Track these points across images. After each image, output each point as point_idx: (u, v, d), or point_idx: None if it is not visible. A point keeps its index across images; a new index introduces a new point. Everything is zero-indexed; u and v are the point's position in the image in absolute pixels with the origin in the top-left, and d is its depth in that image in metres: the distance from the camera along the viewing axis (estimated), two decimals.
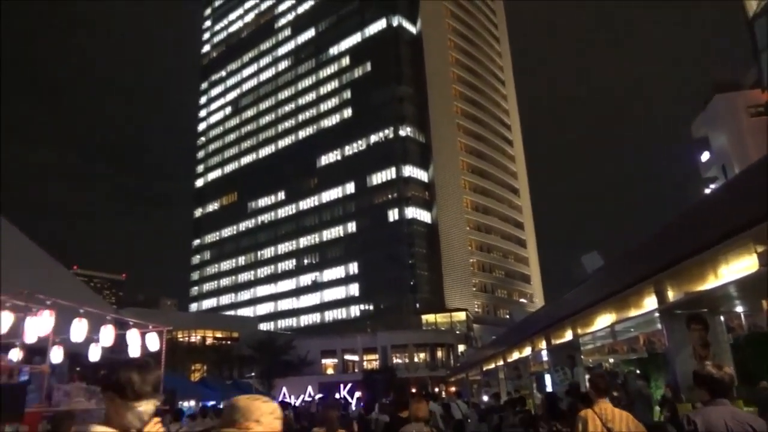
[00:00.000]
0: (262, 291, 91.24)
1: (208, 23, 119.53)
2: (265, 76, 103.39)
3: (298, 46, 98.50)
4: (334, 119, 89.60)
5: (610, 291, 9.85)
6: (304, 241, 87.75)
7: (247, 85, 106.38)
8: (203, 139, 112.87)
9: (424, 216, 79.45)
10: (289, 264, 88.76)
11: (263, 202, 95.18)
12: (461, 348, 60.78)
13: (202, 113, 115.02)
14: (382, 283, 75.01)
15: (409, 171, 79.72)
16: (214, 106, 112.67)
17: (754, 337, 10.44)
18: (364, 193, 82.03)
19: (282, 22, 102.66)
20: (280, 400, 27.57)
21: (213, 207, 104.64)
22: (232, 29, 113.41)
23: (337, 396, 36.14)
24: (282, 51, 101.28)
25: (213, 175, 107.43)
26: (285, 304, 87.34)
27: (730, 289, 7.69)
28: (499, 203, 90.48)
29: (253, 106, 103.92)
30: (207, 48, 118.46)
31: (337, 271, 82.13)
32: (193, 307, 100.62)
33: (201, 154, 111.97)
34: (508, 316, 72.72)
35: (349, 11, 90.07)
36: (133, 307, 62.75)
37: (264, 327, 75.99)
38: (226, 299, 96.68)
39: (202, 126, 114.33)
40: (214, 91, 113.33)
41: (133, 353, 11.62)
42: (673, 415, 7.74)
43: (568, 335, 13.15)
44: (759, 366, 9.75)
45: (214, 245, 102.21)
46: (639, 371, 13.38)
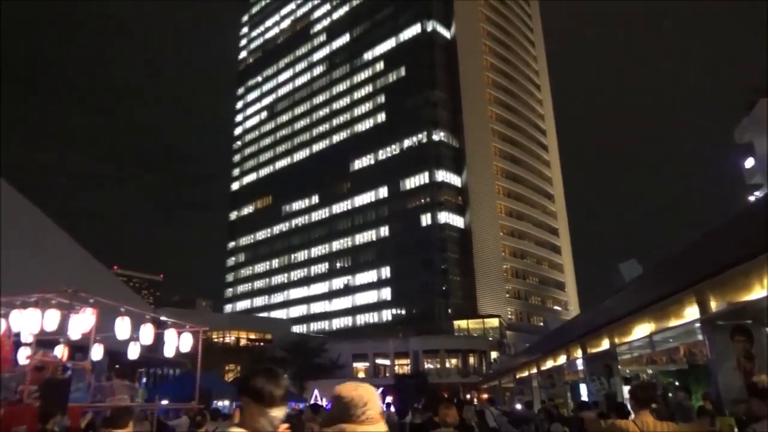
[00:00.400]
0: (295, 293, 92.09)
1: (245, 30, 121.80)
2: (300, 81, 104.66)
3: (333, 51, 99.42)
4: (367, 124, 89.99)
5: (649, 300, 9.62)
6: (336, 244, 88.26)
7: (282, 90, 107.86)
8: (239, 143, 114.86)
9: (457, 221, 78.98)
10: (322, 267, 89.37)
11: (297, 205, 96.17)
12: (494, 355, 60.13)
13: (239, 118, 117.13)
14: (414, 287, 74.82)
15: (442, 176, 79.43)
16: (250, 111, 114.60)
17: None
18: (396, 198, 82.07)
19: (317, 27, 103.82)
20: (312, 402, 27.73)
21: (248, 210, 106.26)
22: (268, 35, 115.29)
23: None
24: (317, 56, 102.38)
25: (248, 179, 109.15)
26: (317, 307, 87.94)
27: None
28: (533, 209, 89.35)
29: (288, 110, 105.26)
30: (244, 54, 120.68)
31: (369, 275, 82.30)
32: (228, 308, 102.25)
33: (237, 158, 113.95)
34: (541, 324, 71.58)
35: (384, 17, 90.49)
36: (170, 307, 64.14)
37: (297, 329, 76.72)
38: (259, 301, 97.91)
39: (238, 130, 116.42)
40: (251, 96, 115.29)
41: (169, 352, 11.89)
42: None
43: (605, 344, 12.90)
44: None
45: (249, 248, 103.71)
46: (678, 383, 13.00)
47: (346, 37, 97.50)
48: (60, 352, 9.93)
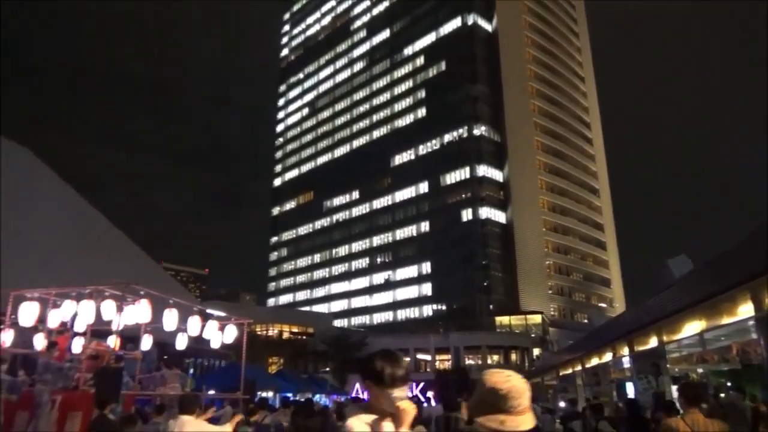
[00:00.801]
0: (336, 288, 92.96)
1: (287, 27, 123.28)
2: (340, 77, 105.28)
3: (373, 47, 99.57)
4: (408, 119, 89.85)
5: (700, 296, 9.29)
6: (377, 239, 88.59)
7: (323, 87, 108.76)
8: (281, 139, 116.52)
9: (499, 216, 78.10)
10: (363, 262, 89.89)
11: (338, 201, 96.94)
12: (536, 351, 59.33)
13: (281, 115, 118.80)
14: (455, 283, 74.47)
15: (483, 171, 78.62)
16: (291, 108, 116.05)
17: None
18: (437, 193, 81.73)
19: (357, 24, 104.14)
20: (353, 395, 27.99)
21: (290, 205, 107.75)
22: (309, 33, 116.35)
23: (409, 394, 36.30)
24: (357, 52, 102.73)
25: (290, 175, 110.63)
26: (358, 302, 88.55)
27: None
28: (577, 204, 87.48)
29: (328, 107, 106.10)
30: (285, 51, 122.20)
31: (409, 271, 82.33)
32: (271, 302, 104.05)
33: (279, 154, 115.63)
34: (586, 321, 70.20)
35: (424, 11, 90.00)
36: (215, 300, 65.75)
37: (338, 324, 77.47)
38: (301, 295, 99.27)
39: (280, 127, 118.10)
40: (292, 93, 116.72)
41: (216, 344, 12.21)
42: None
43: (653, 342, 12.53)
44: None
45: (291, 243, 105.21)
46: (730, 383, 12.54)
47: (386, 33, 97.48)
48: (112, 342, 10.33)
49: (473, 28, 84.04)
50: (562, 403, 23.35)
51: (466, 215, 77.63)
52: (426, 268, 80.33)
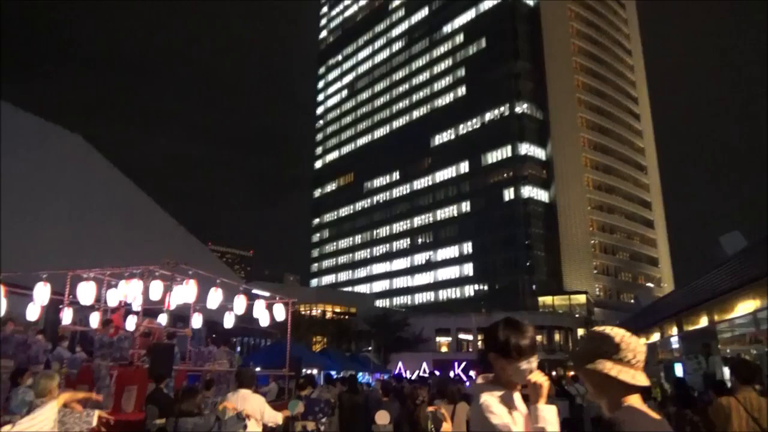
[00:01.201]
0: (378, 269, 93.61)
1: (325, 9, 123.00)
2: (379, 58, 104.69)
3: (411, 26, 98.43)
4: (448, 98, 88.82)
5: (754, 274, 8.97)
6: (418, 220, 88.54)
7: (362, 68, 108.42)
8: (321, 122, 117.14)
9: (542, 195, 76.76)
10: (404, 243, 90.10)
11: (378, 182, 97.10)
12: (580, 332, 58.48)
13: (320, 97, 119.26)
14: (497, 263, 73.90)
15: (525, 149, 77.23)
16: (331, 90, 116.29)
17: None
18: (478, 173, 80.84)
19: (395, 3, 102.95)
20: (396, 373, 28.33)
21: (331, 187, 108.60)
22: (347, 14, 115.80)
23: (451, 374, 36.42)
24: (396, 32, 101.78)
25: (331, 157, 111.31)
26: (400, 282, 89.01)
27: None
28: (623, 181, 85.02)
29: (368, 88, 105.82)
30: (324, 34, 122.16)
31: (450, 251, 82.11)
32: (314, 282, 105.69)
33: (319, 136, 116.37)
34: (632, 301, 68.59)
35: None
36: (260, 281, 67.23)
37: (379, 304, 78.15)
38: (343, 276, 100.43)
39: (320, 110, 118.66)
40: (331, 75, 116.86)
41: (263, 322, 12.54)
42: None
43: (703, 322, 12.19)
44: None
45: (333, 224, 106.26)
46: None
47: (424, 11, 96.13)
48: (164, 320, 10.73)
49: (514, 3, 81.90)
50: None
51: (508, 194, 76.63)
52: (467, 248, 79.92)
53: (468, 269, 79.28)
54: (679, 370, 14.42)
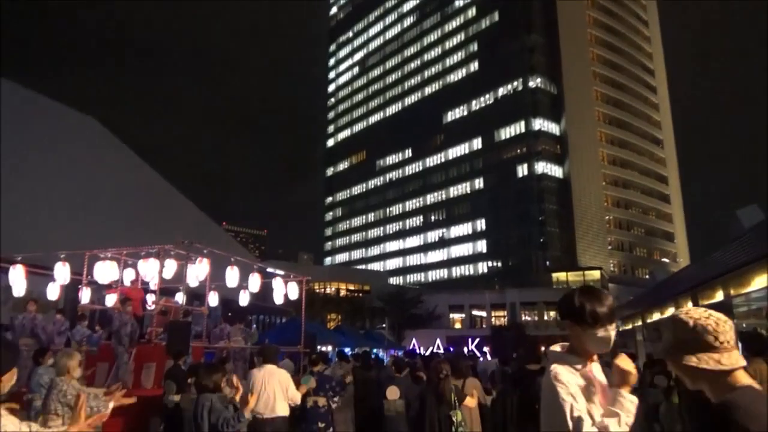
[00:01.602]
0: (391, 246, 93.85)
1: None
2: (390, 33, 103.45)
3: (422, 0, 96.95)
4: (460, 74, 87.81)
5: None
6: (431, 197, 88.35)
7: (373, 44, 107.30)
8: (333, 100, 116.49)
9: (556, 171, 76.08)
10: (417, 220, 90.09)
11: (391, 159, 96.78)
12: None
13: (331, 75, 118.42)
14: (511, 240, 73.73)
15: (539, 124, 76.36)
16: (342, 68, 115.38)
17: None
18: (491, 149, 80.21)
19: None
20: (410, 349, 28.58)
21: (343, 166, 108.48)
22: None
23: (465, 350, 36.71)
24: (407, 7, 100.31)
25: (343, 135, 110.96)
26: (413, 260, 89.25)
27: None
28: (639, 156, 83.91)
29: (379, 65, 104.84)
30: (334, 10, 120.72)
31: (464, 228, 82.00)
32: (327, 261, 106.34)
33: (331, 114, 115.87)
34: (647, 277, 68.26)
35: None
36: (274, 260, 67.80)
37: (393, 281, 78.54)
38: (357, 254, 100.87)
39: (331, 87, 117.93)
40: (342, 52, 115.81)
41: (278, 299, 12.68)
42: None
43: (719, 296, 12.09)
44: None
45: (345, 203, 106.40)
46: None
47: None
48: (180, 298, 10.89)
49: None
50: None
51: (522, 171, 76.06)
52: (481, 225, 79.74)
53: (481, 246, 79.22)
54: None
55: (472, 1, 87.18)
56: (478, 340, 40.32)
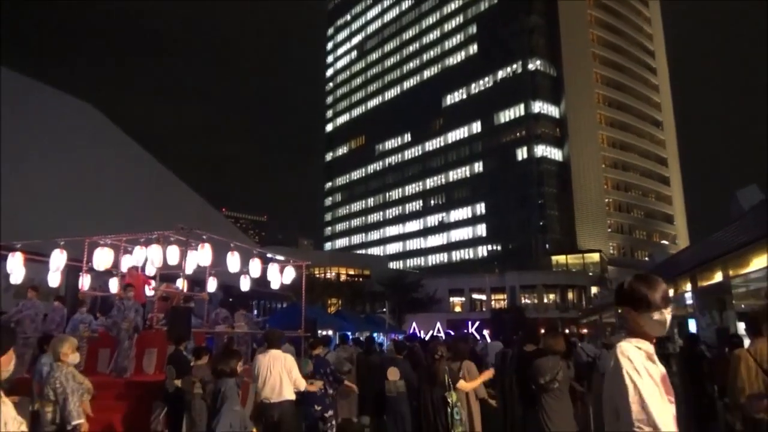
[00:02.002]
0: (391, 231, 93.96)
1: None
2: (388, 16, 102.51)
3: None
4: (459, 57, 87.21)
5: None
6: (430, 182, 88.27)
7: (371, 28, 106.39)
8: (331, 84, 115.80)
9: (555, 154, 75.91)
10: (417, 205, 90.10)
11: (390, 144, 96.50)
12: (594, 290, 58.66)
13: (329, 59, 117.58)
14: (511, 223, 73.78)
15: (538, 107, 76.02)
16: (340, 51, 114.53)
17: None
18: (491, 132, 79.95)
19: None
20: (411, 333, 28.74)
21: (342, 151, 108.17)
22: None
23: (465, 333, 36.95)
24: None
25: (341, 120, 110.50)
26: (413, 244, 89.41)
27: None
28: (639, 138, 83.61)
29: (377, 48, 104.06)
30: None
31: (463, 212, 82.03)
32: (327, 246, 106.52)
33: (330, 99, 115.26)
34: (647, 259, 68.45)
35: None
36: (274, 245, 67.94)
37: (393, 266, 78.74)
38: (357, 239, 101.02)
39: (329, 72, 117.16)
40: (340, 36, 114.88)
41: (276, 285, 12.72)
42: None
43: (718, 277, 12.14)
44: None
45: (345, 188, 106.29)
46: None
47: None
48: (180, 284, 10.92)
49: None
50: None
51: (521, 154, 75.90)
52: (480, 209, 79.77)
53: (481, 230, 79.31)
54: (692, 326, 14.48)
55: None
56: (478, 323, 40.46)
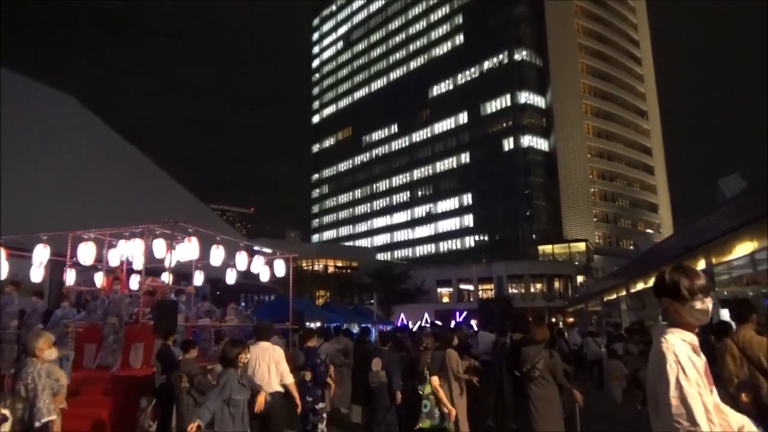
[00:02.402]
0: (378, 222, 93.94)
1: None
2: (374, 6, 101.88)
3: None
4: (445, 47, 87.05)
5: (752, 216, 8.98)
6: (417, 173, 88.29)
7: (357, 18, 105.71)
8: (317, 75, 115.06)
9: (542, 144, 76.25)
10: (404, 196, 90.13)
11: (377, 135, 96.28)
12: (580, 279, 59.24)
13: (315, 50, 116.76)
14: (497, 214, 74.09)
15: (525, 97, 76.21)
16: (326, 42, 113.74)
17: None
18: (477, 123, 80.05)
19: None
20: (399, 324, 28.85)
21: (329, 142, 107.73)
22: None
23: (453, 324, 37.15)
24: None
25: (328, 111, 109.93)
26: (400, 235, 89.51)
27: None
28: (624, 127, 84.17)
29: (363, 39, 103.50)
30: None
31: (451, 203, 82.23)
32: (315, 238, 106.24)
33: (316, 90, 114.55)
34: (632, 248, 69.17)
35: None
36: (262, 238, 67.61)
37: (381, 257, 78.79)
38: (344, 231, 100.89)
39: (315, 63, 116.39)
40: (326, 27, 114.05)
41: (264, 277, 12.68)
42: None
43: (701, 264, 12.31)
44: None
45: (332, 179, 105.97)
46: None
47: None
48: (166, 278, 10.84)
49: None
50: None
51: (508, 144, 76.13)
52: (467, 199, 80.00)
53: (468, 220, 79.58)
54: None
55: None
56: (465, 313, 40.69)
